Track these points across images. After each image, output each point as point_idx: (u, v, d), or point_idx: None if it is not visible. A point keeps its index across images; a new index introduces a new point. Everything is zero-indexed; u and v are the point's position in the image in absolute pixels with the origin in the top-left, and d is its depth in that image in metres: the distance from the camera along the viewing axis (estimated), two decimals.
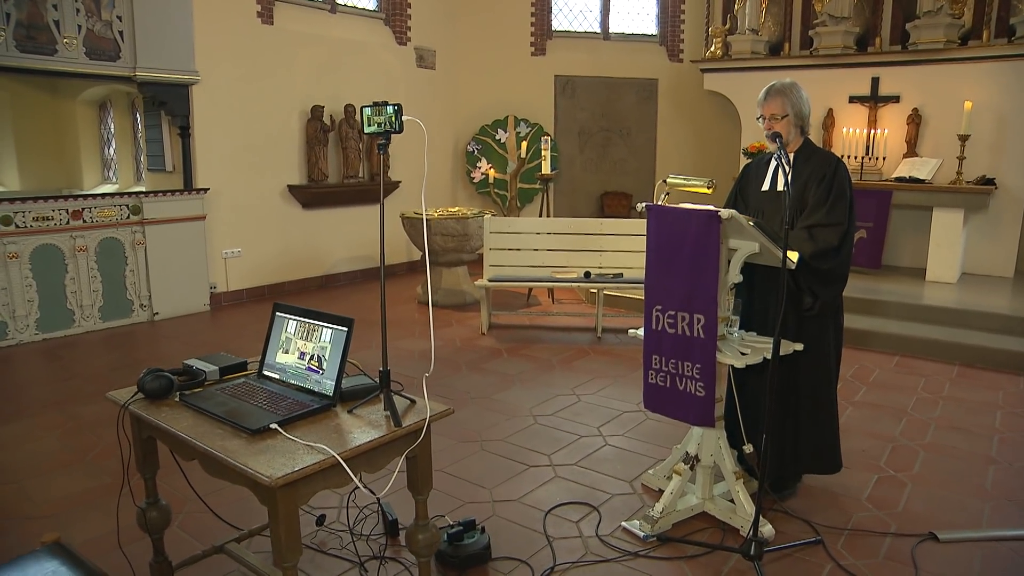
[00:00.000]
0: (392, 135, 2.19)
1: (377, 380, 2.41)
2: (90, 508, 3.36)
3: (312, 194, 8.19)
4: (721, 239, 2.87)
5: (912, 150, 8.03)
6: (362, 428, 2.20)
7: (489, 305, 6.52)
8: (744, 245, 2.95)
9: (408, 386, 2.58)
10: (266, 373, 2.56)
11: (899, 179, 7.65)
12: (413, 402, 2.40)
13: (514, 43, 10.04)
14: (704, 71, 9.35)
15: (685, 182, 3.06)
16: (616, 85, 10.27)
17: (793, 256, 2.96)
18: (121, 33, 6.43)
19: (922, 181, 7.50)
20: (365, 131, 2.21)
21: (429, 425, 2.30)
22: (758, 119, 3.24)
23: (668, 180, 3.09)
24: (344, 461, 2.02)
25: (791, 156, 3.25)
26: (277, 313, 2.59)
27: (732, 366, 3.00)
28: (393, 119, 2.19)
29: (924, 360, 5.79)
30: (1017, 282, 7.53)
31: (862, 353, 5.94)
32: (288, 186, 8.06)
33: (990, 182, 7.43)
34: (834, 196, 3.11)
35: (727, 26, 9.15)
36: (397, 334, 6.33)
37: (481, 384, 5.11)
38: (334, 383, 2.35)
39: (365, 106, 2.22)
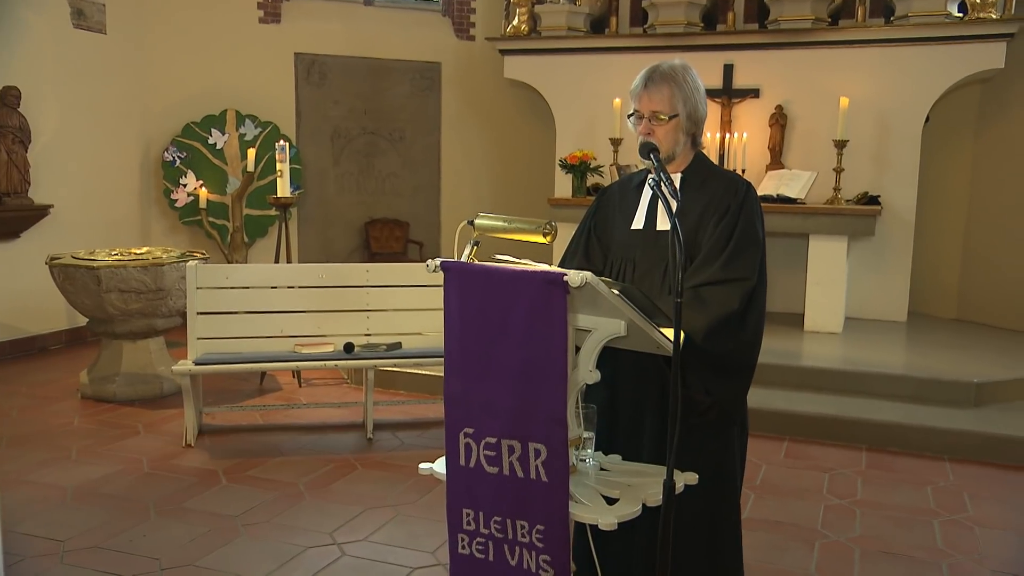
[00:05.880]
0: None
1: None
2: None
3: None
4: (568, 317, 2.33)
5: (777, 160, 8.22)
6: None
7: (198, 400, 5.84)
8: (602, 324, 2.43)
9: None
10: None
11: (764, 198, 7.71)
12: None
13: (235, 2, 9.56)
14: (504, 53, 9.30)
15: (506, 225, 2.49)
16: (384, 70, 10.18)
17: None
18: None
19: (793, 201, 7.60)
20: None
21: None
22: (630, 117, 2.79)
23: (478, 221, 2.52)
24: None
25: (677, 179, 2.86)
26: None
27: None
28: None
29: (821, 444, 5.83)
30: (912, 328, 7.86)
31: None
32: None
33: (874, 200, 7.68)
34: (738, 239, 2.76)
35: None
36: (39, 459, 5.31)
37: (180, 539, 4.32)
38: None
39: None
